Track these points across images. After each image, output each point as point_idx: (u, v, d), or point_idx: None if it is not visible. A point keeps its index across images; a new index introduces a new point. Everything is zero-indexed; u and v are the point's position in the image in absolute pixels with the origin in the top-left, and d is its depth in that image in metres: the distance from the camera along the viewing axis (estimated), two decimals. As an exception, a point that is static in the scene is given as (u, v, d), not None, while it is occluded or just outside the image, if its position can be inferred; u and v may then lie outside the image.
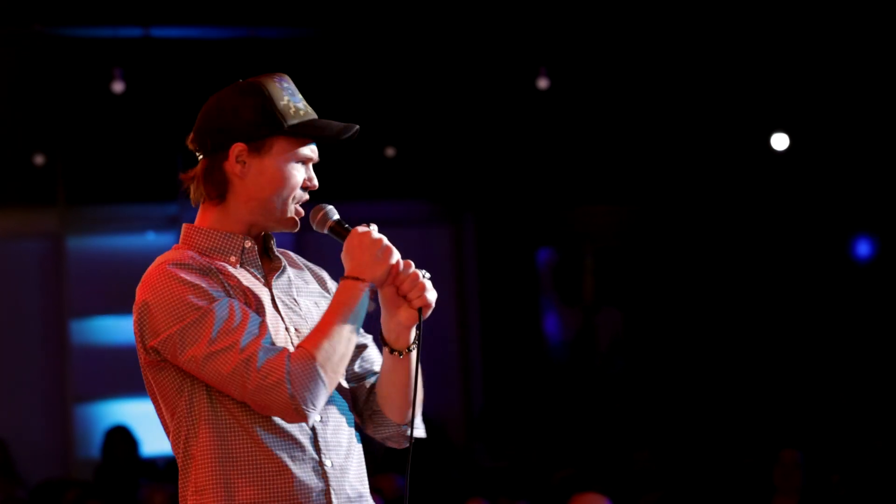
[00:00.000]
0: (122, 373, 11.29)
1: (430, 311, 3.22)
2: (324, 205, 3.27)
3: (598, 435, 11.87)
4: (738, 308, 12.12)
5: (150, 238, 11.46)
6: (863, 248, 12.39)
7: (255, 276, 3.26)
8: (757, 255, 12.14)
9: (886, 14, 10.79)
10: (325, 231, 3.27)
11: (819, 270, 12.10)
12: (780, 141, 11.51)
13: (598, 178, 12.23)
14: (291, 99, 3.24)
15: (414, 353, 3.25)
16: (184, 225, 3.31)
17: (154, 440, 10.92)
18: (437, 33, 10.96)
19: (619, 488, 8.93)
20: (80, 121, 11.08)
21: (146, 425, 10.93)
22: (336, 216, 3.27)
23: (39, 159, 11.16)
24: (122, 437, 10.72)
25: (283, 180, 3.23)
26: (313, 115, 3.28)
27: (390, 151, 11.72)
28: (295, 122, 3.23)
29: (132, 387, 11.24)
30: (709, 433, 11.55)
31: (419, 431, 3.36)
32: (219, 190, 3.24)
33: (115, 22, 10.26)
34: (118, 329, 11.34)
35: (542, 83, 11.03)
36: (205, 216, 3.28)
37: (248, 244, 3.26)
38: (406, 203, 12.19)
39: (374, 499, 3.34)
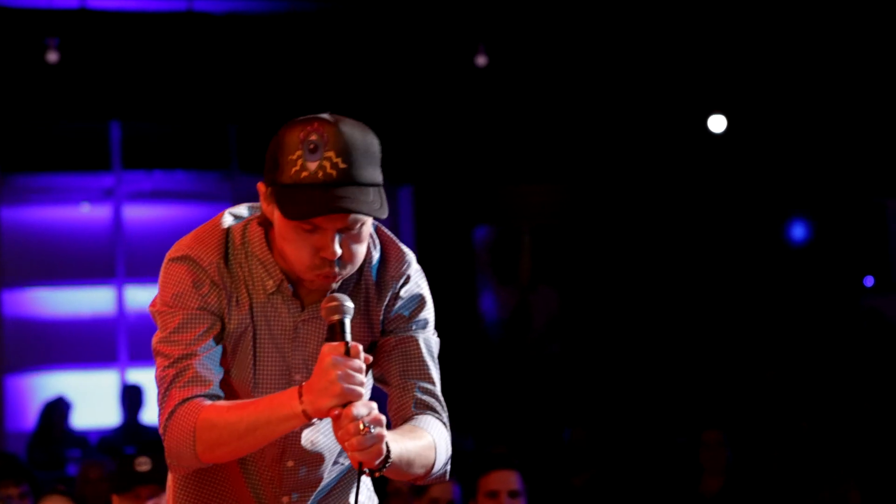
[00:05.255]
0: (55, 345, 11.21)
1: (374, 468, 2.82)
2: (341, 296, 2.84)
3: (532, 414, 11.90)
4: (672, 288, 12.19)
5: (85, 209, 11.36)
6: (798, 231, 12.48)
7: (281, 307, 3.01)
8: (692, 236, 12.20)
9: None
10: (325, 318, 2.86)
11: (754, 252, 12.18)
12: (717, 123, 11.57)
13: (537, 156, 12.24)
14: (306, 155, 2.79)
15: (392, 457, 2.87)
16: (261, 216, 2.99)
17: (86, 414, 10.85)
18: (376, 8, 10.92)
19: (552, 467, 8.96)
20: (14, 91, 10.97)
21: (78, 398, 10.85)
22: (340, 316, 2.81)
23: (-27, 129, 11.06)
24: (56, 410, 10.63)
25: (287, 242, 2.89)
26: (331, 178, 2.79)
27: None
28: (287, 182, 2.82)
29: (65, 358, 11.21)
30: (642, 413, 11.61)
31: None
32: (267, 218, 2.95)
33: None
34: (52, 300, 11.25)
35: (481, 60, 11.02)
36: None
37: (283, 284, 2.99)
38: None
39: None
